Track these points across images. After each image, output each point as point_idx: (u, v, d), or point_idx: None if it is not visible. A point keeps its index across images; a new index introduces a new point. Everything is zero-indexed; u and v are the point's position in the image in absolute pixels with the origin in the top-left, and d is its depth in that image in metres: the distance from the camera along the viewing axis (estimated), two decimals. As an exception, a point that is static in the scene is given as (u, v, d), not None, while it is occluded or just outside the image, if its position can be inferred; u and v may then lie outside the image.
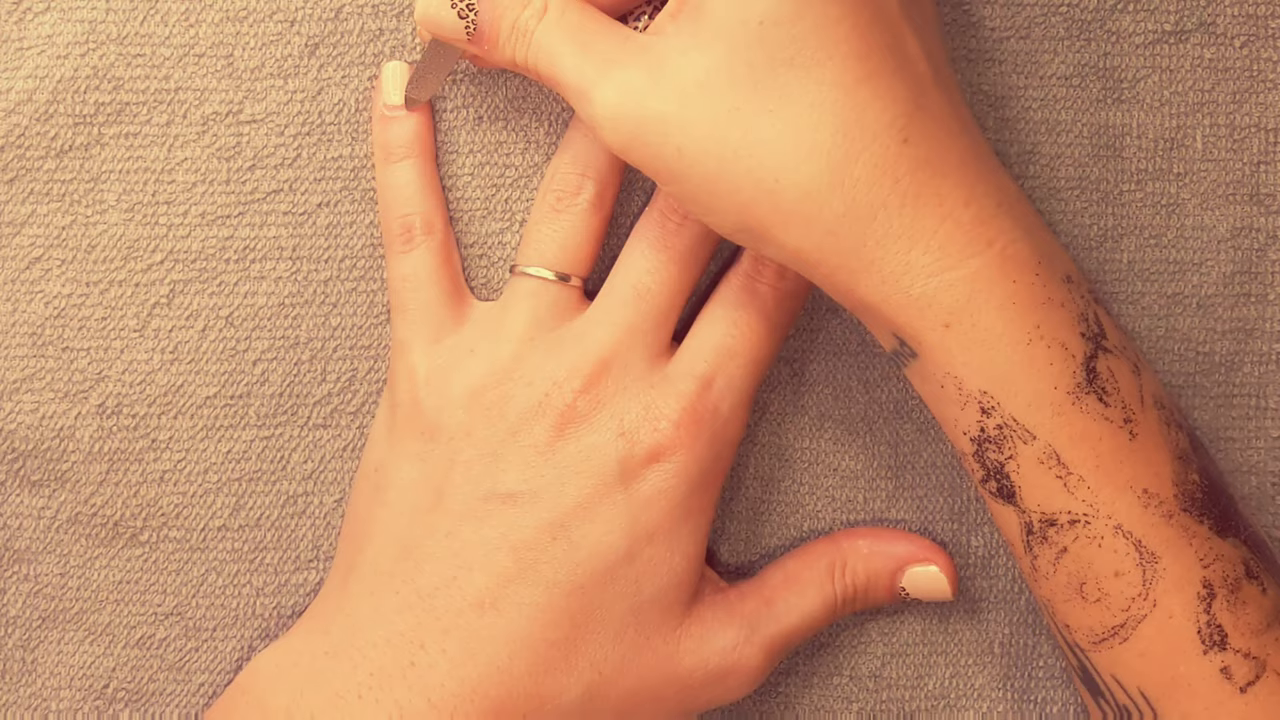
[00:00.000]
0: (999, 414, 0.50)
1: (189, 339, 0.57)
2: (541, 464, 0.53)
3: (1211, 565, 0.50)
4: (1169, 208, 0.57)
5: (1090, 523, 0.49)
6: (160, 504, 0.58)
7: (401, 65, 0.56)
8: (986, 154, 0.51)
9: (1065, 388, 0.49)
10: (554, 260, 0.55)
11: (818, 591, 0.56)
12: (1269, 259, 0.58)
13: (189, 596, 0.58)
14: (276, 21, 0.57)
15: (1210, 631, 0.49)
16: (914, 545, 0.56)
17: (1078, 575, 0.50)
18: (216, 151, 0.57)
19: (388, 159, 0.56)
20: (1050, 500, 0.50)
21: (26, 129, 0.57)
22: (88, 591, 0.58)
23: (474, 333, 0.55)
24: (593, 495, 0.53)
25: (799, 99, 0.48)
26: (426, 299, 0.56)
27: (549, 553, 0.53)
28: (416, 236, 0.56)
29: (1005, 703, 0.59)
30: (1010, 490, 0.50)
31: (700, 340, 0.54)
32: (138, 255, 0.57)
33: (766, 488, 0.58)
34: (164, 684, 0.58)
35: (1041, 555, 0.50)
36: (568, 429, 0.53)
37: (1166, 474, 0.50)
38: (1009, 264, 0.49)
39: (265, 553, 0.58)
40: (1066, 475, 0.49)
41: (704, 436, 0.54)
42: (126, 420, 0.58)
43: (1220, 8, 0.57)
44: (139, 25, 0.56)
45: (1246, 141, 0.57)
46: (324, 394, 0.58)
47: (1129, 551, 0.49)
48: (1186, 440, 0.51)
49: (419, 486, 0.54)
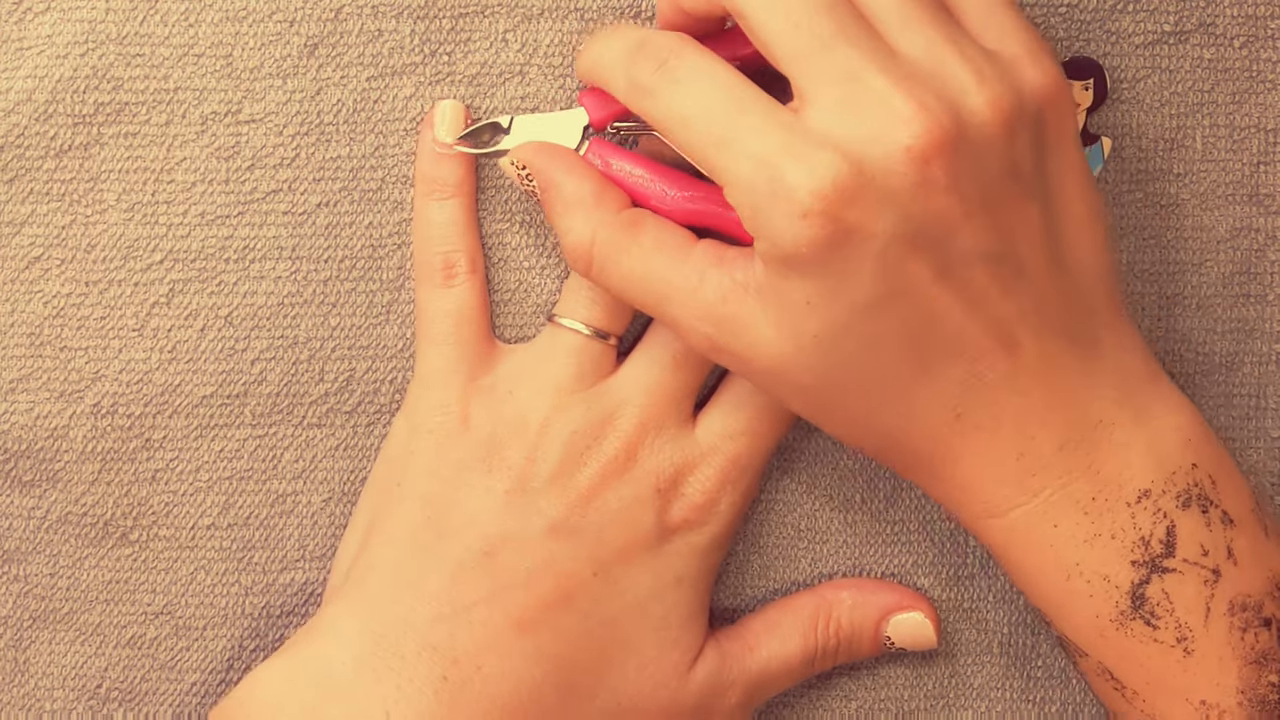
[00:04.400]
0: (1054, 627, 0.52)
1: (188, 338, 0.57)
2: (584, 508, 0.55)
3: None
4: (1169, 208, 0.57)
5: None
6: (151, 503, 0.58)
7: (457, 105, 0.56)
8: (1077, 375, 0.51)
9: (1108, 616, 0.51)
10: (593, 316, 0.56)
11: (800, 640, 0.56)
12: (1268, 259, 0.57)
13: (178, 595, 0.58)
14: (276, 21, 0.57)
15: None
16: (898, 594, 0.57)
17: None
18: (216, 151, 0.57)
19: (432, 194, 0.56)
20: (1113, 704, 0.52)
21: (26, 129, 0.57)
22: (77, 591, 0.58)
23: (512, 376, 0.56)
24: (630, 545, 0.55)
25: (858, 416, 0.51)
26: (466, 335, 0.56)
27: (589, 585, 0.54)
28: (460, 274, 0.56)
29: (1004, 702, 0.58)
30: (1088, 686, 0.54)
31: (728, 415, 0.56)
32: (137, 255, 0.57)
33: (763, 485, 0.58)
34: (156, 683, 0.58)
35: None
36: (609, 481, 0.55)
37: (1231, 683, 0.51)
38: (1053, 509, 0.51)
39: (253, 551, 0.58)
40: (1122, 688, 0.51)
41: (725, 505, 0.56)
42: (121, 420, 0.57)
43: (1220, 8, 0.57)
44: (138, 25, 0.57)
45: (1246, 142, 0.57)
46: (321, 394, 0.58)
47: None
48: (1273, 638, 0.51)
49: (455, 507, 0.54)
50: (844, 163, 0.47)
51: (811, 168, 0.47)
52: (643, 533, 0.55)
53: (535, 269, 0.57)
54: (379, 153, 0.57)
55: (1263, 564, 0.51)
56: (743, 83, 0.50)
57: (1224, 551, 0.51)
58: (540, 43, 0.57)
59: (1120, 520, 0.50)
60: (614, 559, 0.54)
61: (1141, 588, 0.50)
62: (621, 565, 0.54)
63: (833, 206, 0.47)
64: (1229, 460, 0.52)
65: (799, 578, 0.58)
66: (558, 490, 0.54)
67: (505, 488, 0.54)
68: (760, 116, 0.49)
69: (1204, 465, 0.51)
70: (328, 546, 0.58)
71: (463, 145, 0.56)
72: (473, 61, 0.57)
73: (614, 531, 0.54)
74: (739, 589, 0.59)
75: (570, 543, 0.54)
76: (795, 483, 0.58)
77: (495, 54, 0.57)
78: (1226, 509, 0.51)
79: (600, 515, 0.54)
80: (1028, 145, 0.49)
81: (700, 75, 0.50)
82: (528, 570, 0.53)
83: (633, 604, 0.54)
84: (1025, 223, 0.49)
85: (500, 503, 0.54)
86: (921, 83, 0.48)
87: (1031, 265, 0.50)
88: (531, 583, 0.53)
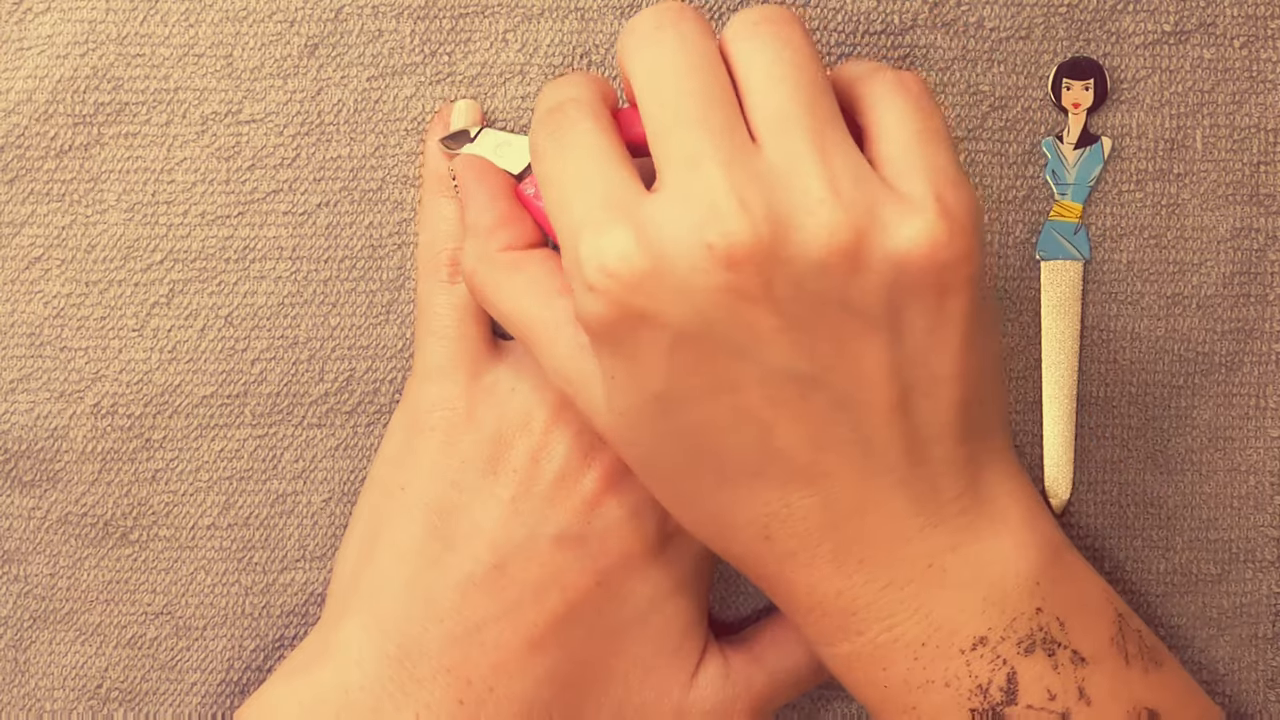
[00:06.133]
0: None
1: (188, 338, 0.57)
2: (589, 514, 0.54)
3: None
4: (1169, 208, 0.57)
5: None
6: (151, 503, 0.58)
7: (473, 105, 0.56)
8: (906, 517, 0.48)
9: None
10: None
11: (806, 651, 0.56)
12: (1269, 259, 0.57)
13: (178, 595, 0.58)
14: (276, 21, 0.57)
15: None
16: None
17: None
18: (216, 151, 0.57)
19: (440, 190, 0.56)
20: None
21: (26, 129, 0.57)
22: (77, 591, 0.58)
23: (514, 374, 0.55)
24: (635, 552, 0.54)
25: (681, 511, 0.50)
26: (469, 331, 0.55)
27: (593, 597, 0.53)
28: None
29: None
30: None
31: None
32: (137, 255, 0.57)
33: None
34: (157, 683, 0.58)
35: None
36: (613, 485, 0.54)
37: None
38: (880, 652, 0.49)
39: (253, 551, 0.58)
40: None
41: None
42: (122, 420, 0.57)
43: (1220, 8, 0.57)
44: (139, 25, 0.57)
45: (1246, 142, 0.57)
46: (321, 394, 0.58)
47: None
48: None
49: (461, 514, 0.54)
50: (637, 247, 0.46)
51: (604, 245, 0.46)
52: (645, 539, 0.54)
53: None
54: (379, 153, 0.57)
55: (1120, 697, 0.49)
56: (617, 160, 0.48)
57: (1074, 693, 0.49)
58: (540, 43, 0.57)
59: (954, 668, 0.48)
60: (617, 568, 0.54)
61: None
62: (625, 573, 0.54)
63: (617, 288, 0.46)
64: (1094, 588, 0.50)
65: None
66: (563, 496, 0.54)
67: (511, 494, 0.54)
68: (604, 193, 0.47)
69: (1051, 608, 0.49)
70: (328, 546, 0.58)
71: (440, 145, 0.56)
72: (473, 61, 0.57)
73: (618, 539, 0.54)
74: (747, 600, 0.58)
75: (573, 554, 0.53)
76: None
77: (495, 54, 0.57)
78: (1077, 648, 0.49)
79: (605, 522, 0.54)
80: (878, 285, 0.46)
81: (580, 147, 0.48)
82: (536, 583, 0.53)
83: (633, 614, 0.54)
84: (857, 357, 0.47)
85: (506, 511, 0.54)
86: (763, 187, 0.46)
87: (861, 400, 0.47)
88: (540, 597, 0.53)
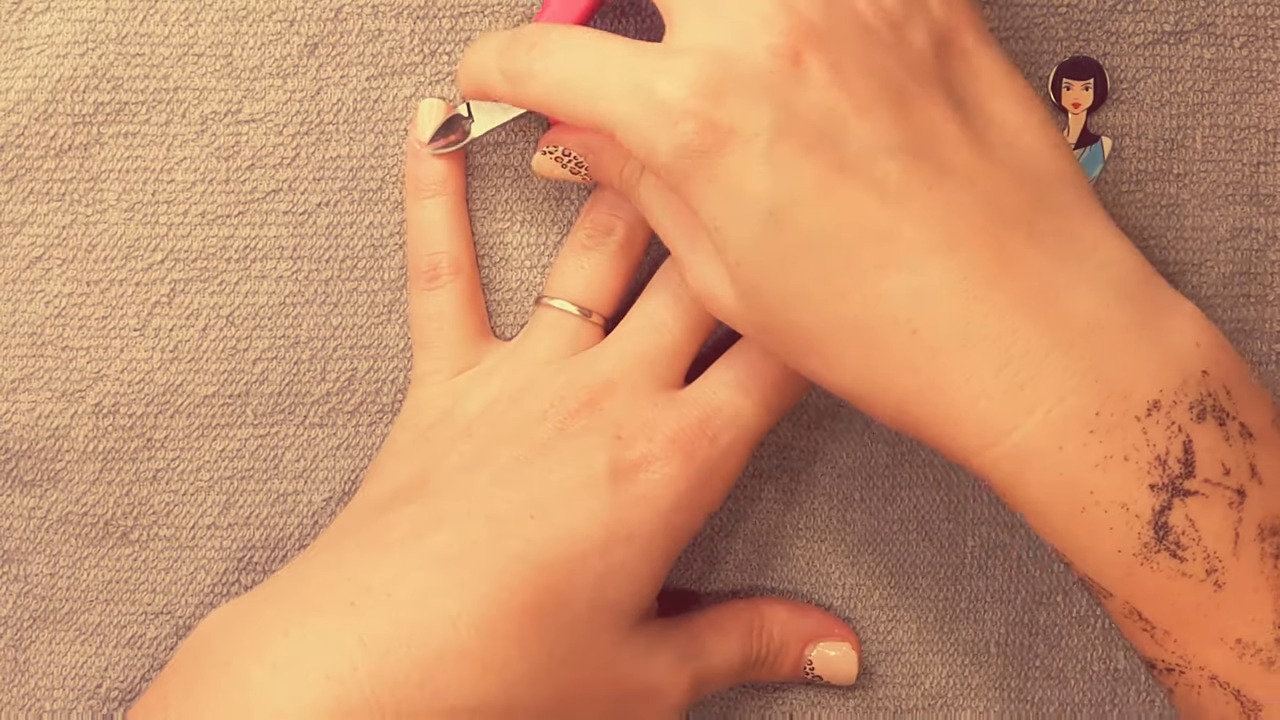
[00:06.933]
0: (1076, 569, 0.48)
1: (189, 338, 0.57)
2: (535, 455, 0.53)
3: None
4: (1169, 208, 0.57)
5: (1185, 672, 0.47)
6: (151, 503, 0.58)
7: (438, 104, 0.56)
8: (1053, 273, 0.47)
9: (1131, 550, 0.46)
10: (579, 294, 0.55)
11: (739, 642, 0.55)
12: (1269, 260, 0.57)
13: (178, 595, 0.58)
14: (276, 21, 0.57)
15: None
16: (827, 623, 0.57)
17: (1188, 714, 0.49)
18: (216, 151, 0.57)
19: (418, 194, 0.56)
20: (1144, 648, 0.48)
21: (26, 129, 0.57)
22: (77, 591, 0.58)
23: (493, 360, 0.56)
24: (578, 485, 0.52)
25: (819, 360, 0.48)
26: (450, 338, 0.56)
27: (523, 528, 0.51)
28: (443, 276, 0.56)
29: (1001, 702, 0.58)
30: (1118, 628, 0.49)
31: (717, 375, 0.54)
32: (138, 254, 0.57)
33: (762, 481, 0.58)
34: (156, 683, 0.58)
35: (1161, 685, 0.49)
36: (567, 428, 0.53)
37: (1267, 618, 0.46)
38: (1054, 429, 0.46)
39: (254, 551, 0.58)
40: (1152, 629, 0.47)
41: (697, 459, 0.53)
42: (123, 419, 0.57)
43: (1220, 8, 0.57)
44: (138, 25, 0.57)
45: (1246, 142, 0.57)
46: (322, 393, 0.58)
47: (1229, 700, 0.47)
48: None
49: (406, 472, 0.54)
50: (707, 60, 0.47)
51: (676, 73, 0.47)
52: (593, 473, 0.52)
53: (535, 268, 0.57)
54: (379, 152, 0.57)
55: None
56: (607, 36, 0.49)
57: (1247, 469, 0.46)
58: (540, 43, 0.57)
59: (1132, 437, 0.46)
60: (556, 501, 0.52)
61: (1164, 515, 0.46)
62: (565, 507, 0.51)
63: (704, 105, 0.46)
64: (1244, 367, 0.48)
65: (796, 574, 0.58)
66: (510, 446, 0.53)
67: (456, 448, 0.53)
68: (627, 55, 0.48)
69: (1216, 373, 0.47)
70: (328, 546, 0.58)
71: (438, 145, 0.56)
72: (473, 61, 0.57)
73: (562, 473, 0.52)
74: (736, 585, 0.59)
75: (510, 489, 0.52)
76: (793, 480, 0.58)
77: (495, 54, 0.57)
78: (1245, 422, 0.47)
79: (549, 459, 0.52)
80: (924, 42, 0.48)
81: (568, 43, 0.50)
82: (459, 513, 0.51)
83: (571, 554, 0.51)
84: (938, 120, 0.47)
85: (450, 461, 0.53)
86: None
87: (958, 161, 0.47)
88: (461, 525, 0.51)
